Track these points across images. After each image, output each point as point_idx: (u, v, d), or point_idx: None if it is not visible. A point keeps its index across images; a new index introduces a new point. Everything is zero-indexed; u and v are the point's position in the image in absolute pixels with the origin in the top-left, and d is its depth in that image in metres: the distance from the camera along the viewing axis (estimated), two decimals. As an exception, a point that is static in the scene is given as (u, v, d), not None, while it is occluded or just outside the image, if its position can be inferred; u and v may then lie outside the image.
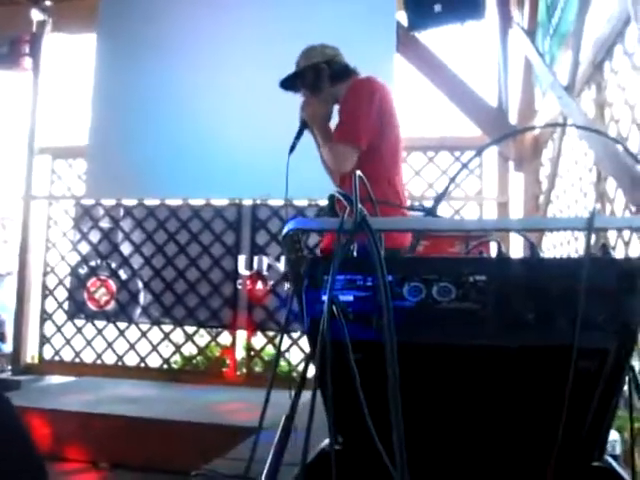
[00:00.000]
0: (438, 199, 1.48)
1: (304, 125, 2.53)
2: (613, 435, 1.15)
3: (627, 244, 2.64)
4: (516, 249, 3.74)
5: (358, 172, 1.05)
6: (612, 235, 2.72)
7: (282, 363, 5.09)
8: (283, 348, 4.96)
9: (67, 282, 5.59)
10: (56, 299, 5.61)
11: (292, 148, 2.50)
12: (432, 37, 4.92)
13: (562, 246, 3.73)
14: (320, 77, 2.56)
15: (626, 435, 2.02)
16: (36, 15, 5.59)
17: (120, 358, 5.41)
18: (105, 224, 5.52)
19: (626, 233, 2.62)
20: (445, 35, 5.12)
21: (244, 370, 5.28)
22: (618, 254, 2.65)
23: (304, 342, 4.90)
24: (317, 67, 2.56)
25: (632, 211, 2.53)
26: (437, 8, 4.27)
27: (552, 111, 3.86)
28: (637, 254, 2.54)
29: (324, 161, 2.63)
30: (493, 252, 1.27)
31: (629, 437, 1.97)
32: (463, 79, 4.87)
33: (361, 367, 0.86)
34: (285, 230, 0.96)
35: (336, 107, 2.58)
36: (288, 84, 2.67)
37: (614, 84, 2.95)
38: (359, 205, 0.96)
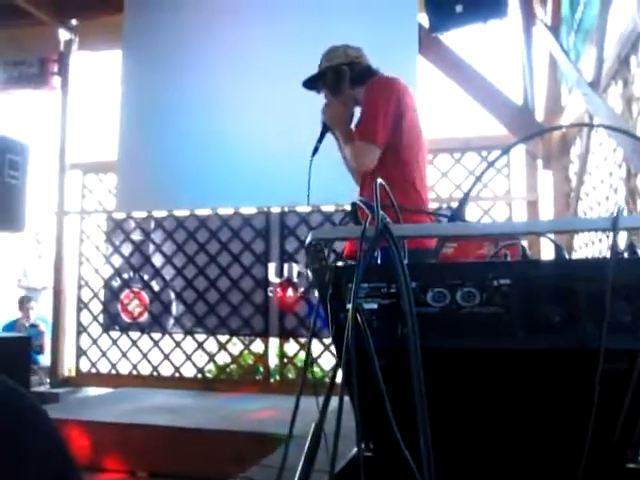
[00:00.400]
0: (463, 201, 1.48)
1: (326, 128, 2.54)
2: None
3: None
4: (547, 250, 3.70)
5: (379, 180, 1.05)
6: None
7: (315, 369, 5.10)
8: (315, 354, 4.97)
9: (101, 295, 5.68)
10: (91, 312, 5.70)
11: (315, 151, 2.51)
12: (454, 37, 4.89)
13: (593, 244, 3.68)
14: (341, 79, 2.56)
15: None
16: (63, 35, 5.72)
17: (155, 368, 5.47)
18: (136, 236, 5.60)
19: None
20: (468, 35, 5.09)
21: (277, 377, 5.30)
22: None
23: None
24: (338, 69, 2.56)
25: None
26: (458, 9, 4.24)
27: (579, 108, 3.81)
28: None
29: (346, 163, 2.63)
30: (519, 254, 1.26)
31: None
32: (487, 78, 4.83)
33: (387, 374, 0.86)
34: (308, 240, 0.97)
35: (357, 109, 2.58)
36: (311, 84, 2.68)
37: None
38: (381, 212, 0.96)
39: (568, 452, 0.96)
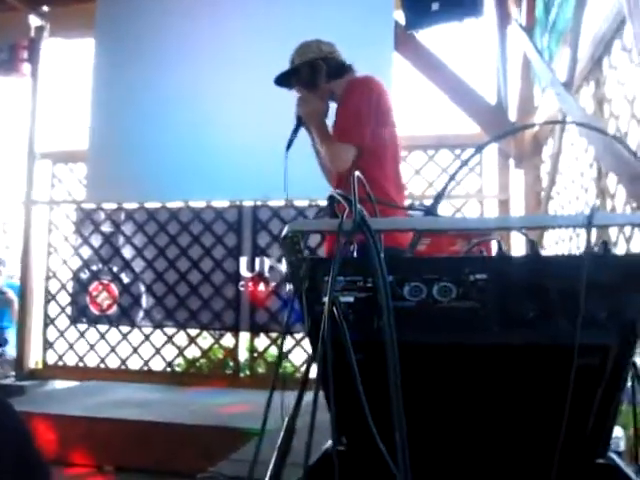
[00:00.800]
0: (437, 198, 1.48)
1: (300, 122, 2.52)
2: (617, 432, 1.14)
3: (628, 240, 2.64)
4: (517, 247, 3.74)
5: (357, 172, 1.05)
6: (614, 231, 2.72)
7: (286, 364, 5.09)
8: (286, 349, 4.96)
9: (69, 287, 5.59)
10: (58, 304, 5.62)
11: (289, 144, 2.49)
12: (430, 35, 4.92)
13: (564, 242, 3.72)
14: (316, 74, 2.53)
15: (630, 431, 2.02)
16: (34, 21, 5.60)
17: (123, 362, 5.42)
18: (106, 228, 5.53)
19: (627, 229, 2.62)
20: (443, 33, 5.12)
21: (247, 372, 5.28)
22: (620, 250, 2.64)
23: (307, 343, 4.89)
24: (313, 64, 2.53)
25: (633, 207, 2.53)
26: (435, 6, 4.25)
27: (552, 108, 3.86)
28: (638, 250, 2.54)
29: (320, 159, 2.62)
30: (495, 250, 1.27)
31: (633, 433, 1.96)
32: (462, 77, 4.86)
33: (363, 368, 0.86)
34: (284, 232, 0.96)
35: (332, 105, 2.57)
36: (283, 81, 2.66)
37: (613, 80, 2.94)
38: (358, 206, 0.95)
39: (541, 446, 0.97)
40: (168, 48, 5.08)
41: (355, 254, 1.08)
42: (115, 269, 5.46)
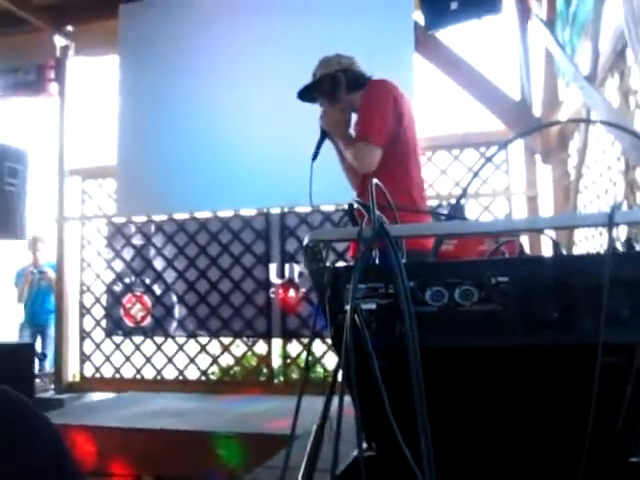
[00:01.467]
0: (459, 199, 1.48)
1: (324, 134, 2.57)
2: (651, 429, 1.13)
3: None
4: (547, 246, 3.69)
5: (375, 180, 1.06)
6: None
7: (318, 369, 5.10)
8: (318, 354, 4.97)
9: (103, 300, 5.69)
10: (93, 317, 5.71)
11: (314, 156, 2.54)
12: (450, 35, 4.90)
13: (594, 238, 3.67)
14: (337, 86, 2.60)
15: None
16: (59, 41, 5.72)
17: (159, 372, 5.48)
18: (137, 241, 5.61)
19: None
20: (464, 32, 5.09)
21: (281, 378, 5.30)
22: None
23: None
24: (334, 76, 2.60)
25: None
26: (453, 6, 4.25)
27: (577, 102, 3.81)
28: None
29: (345, 167, 2.65)
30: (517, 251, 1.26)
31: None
32: (484, 74, 4.83)
33: (386, 374, 0.86)
34: (305, 241, 0.98)
35: (354, 115, 2.60)
36: (306, 95, 2.70)
37: (638, 71, 2.90)
38: (377, 212, 0.96)
39: (570, 448, 0.96)
40: (190, 60, 5.15)
41: (377, 260, 1.08)
42: (147, 281, 5.54)
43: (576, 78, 3.34)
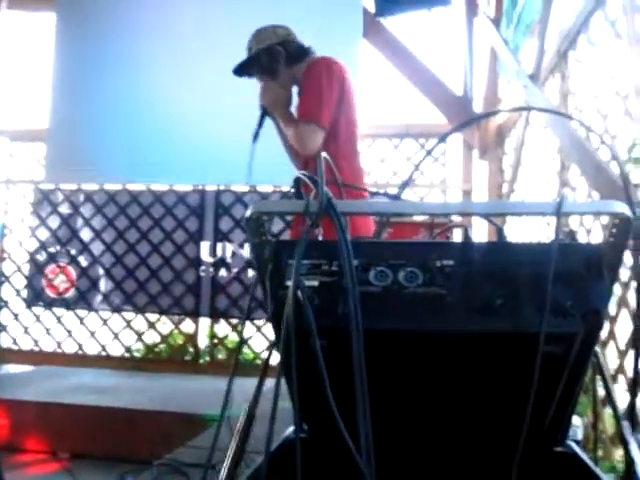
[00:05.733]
0: (403, 186, 1.47)
1: (265, 112, 2.48)
2: (575, 420, 1.15)
3: (589, 232, 2.68)
4: (480, 236, 3.77)
5: (324, 154, 1.02)
6: (574, 223, 2.75)
7: (246, 351, 5.06)
8: (246, 335, 4.93)
9: (25, 269, 5.45)
10: (13, 286, 5.47)
11: (255, 136, 2.45)
12: (398, 24, 4.90)
13: (524, 234, 3.77)
14: (276, 60, 2.48)
15: (585, 420, 2.05)
16: (-9, -9, 5.40)
17: (80, 347, 5.32)
18: (65, 210, 5.40)
19: (587, 221, 2.66)
20: (412, 22, 5.11)
21: (207, 358, 5.24)
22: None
23: (267, 330, 4.87)
24: (271, 50, 2.48)
25: (594, 199, 2.56)
26: (404, -6, 4.26)
27: (516, 100, 3.89)
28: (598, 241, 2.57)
29: (287, 147, 2.60)
30: (457, 239, 1.26)
31: (590, 422, 2.00)
32: (429, 67, 4.87)
33: (326, 354, 0.84)
34: (248, 213, 0.93)
35: (295, 89, 2.54)
36: (243, 70, 2.59)
37: (578, 74, 2.97)
38: (325, 187, 0.93)
39: (503, 434, 0.96)
40: (133, 27, 4.97)
41: (320, 237, 1.05)
42: (73, 252, 5.34)
43: (519, 75, 3.40)
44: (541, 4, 3.17)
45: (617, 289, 2.35)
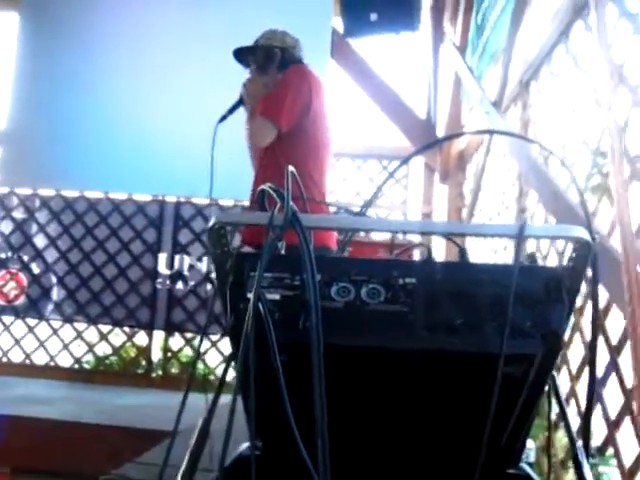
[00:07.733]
0: (366, 205, 1.47)
1: (241, 101, 2.54)
2: (528, 443, 1.16)
3: (545, 258, 2.73)
4: (439, 257, 3.80)
5: (291, 167, 1.01)
6: (531, 247, 2.80)
7: (200, 366, 4.98)
8: (202, 350, 4.86)
9: (-27, 274, 5.28)
10: (-40, 291, 5.29)
11: (222, 118, 2.53)
12: (366, 46, 4.96)
13: (481, 257, 3.82)
14: (270, 60, 2.59)
15: (538, 443, 2.07)
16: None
17: (28, 356, 5.17)
18: (19, 214, 5.27)
19: (544, 245, 2.71)
20: (379, 45, 5.18)
21: (160, 372, 5.14)
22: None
23: (222, 345, 4.82)
24: (270, 49, 2.59)
25: (551, 224, 2.61)
26: (373, 17, 4.31)
27: (478, 126, 3.96)
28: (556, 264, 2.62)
29: (250, 146, 2.64)
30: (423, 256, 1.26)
31: (543, 445, 2.01)
32: (394, 90, 4.94)
33: (286, 370, 0.82)
34: (211, 223, 0.92)
35: None
36: (241, 57, 2.66)
37: (539, 103, 3.05)
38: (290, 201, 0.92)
39: (460, 455, 0.96)
40: (96, 30, 4.90)
41: (283, 251, 1.04)
42: (25, 258, 5.20)
43: (483, 102, 3.47)
44: (506, 35, 3.25)
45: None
